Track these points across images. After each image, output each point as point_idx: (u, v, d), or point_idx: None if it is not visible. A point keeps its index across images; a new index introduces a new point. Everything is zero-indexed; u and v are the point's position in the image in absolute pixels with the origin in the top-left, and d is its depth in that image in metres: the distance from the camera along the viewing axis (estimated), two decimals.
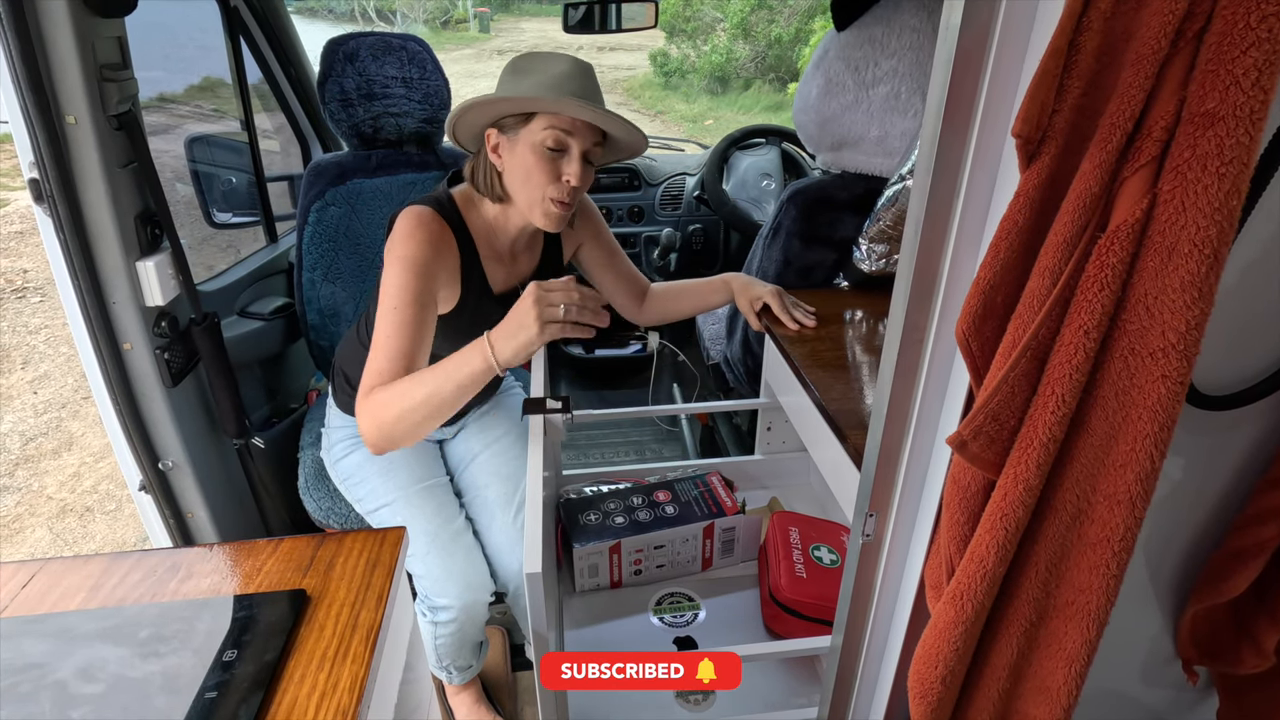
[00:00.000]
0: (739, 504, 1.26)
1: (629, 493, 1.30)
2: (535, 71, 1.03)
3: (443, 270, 1.07)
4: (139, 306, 1.16)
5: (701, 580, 1.28)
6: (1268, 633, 0.67)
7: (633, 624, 1.19)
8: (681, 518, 1.23)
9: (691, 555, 1.26)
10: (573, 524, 1.23)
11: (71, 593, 0.71)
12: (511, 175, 1.07)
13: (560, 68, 1.03)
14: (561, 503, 1.29)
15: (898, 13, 1.25)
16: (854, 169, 1.40)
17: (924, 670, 0.62)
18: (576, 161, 1.05)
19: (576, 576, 1.23)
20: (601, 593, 1.25)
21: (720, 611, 1.21)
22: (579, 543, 1.19)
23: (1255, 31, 0.38)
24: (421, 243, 1.02)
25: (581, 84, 1.03)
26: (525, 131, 1.04)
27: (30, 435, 2.88)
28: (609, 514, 1.25)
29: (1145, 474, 0.48)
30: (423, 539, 1.22)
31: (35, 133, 1.00)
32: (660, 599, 1.24)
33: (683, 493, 1.29)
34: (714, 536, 1.25)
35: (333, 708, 0.59)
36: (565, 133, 1.03)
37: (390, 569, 0.74)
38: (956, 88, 0.52)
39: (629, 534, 1.21)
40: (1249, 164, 0.40)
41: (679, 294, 1.43)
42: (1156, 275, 0.44)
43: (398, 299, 1.00)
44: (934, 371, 0.64)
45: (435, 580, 1.21)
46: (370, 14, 15.96)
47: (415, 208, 1.06)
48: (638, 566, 1.24)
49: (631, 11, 1.90)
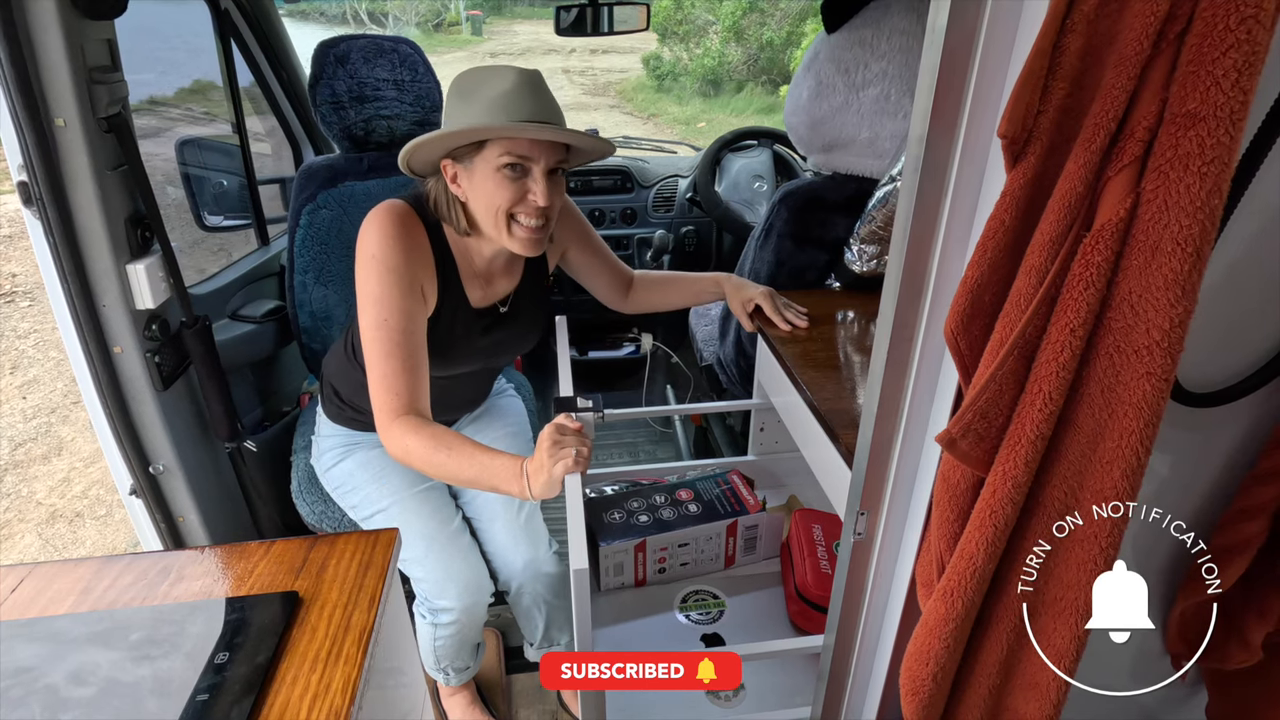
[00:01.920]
0: (761, 502, 1.27)
1: (651, 491, 1.30)
2: (479, 93, 0.97)
3: (419, 265, 1.05)
4: (129, 309, 1.15)
5: (725, 578, 1.29)
6: (1255, 628, 0.67)
7: (660, 621, 1.20)
8: (705, 516, 1.24)
9: (715, 553, 1.27)
10: (597, 522, 1.24)
11: (62, 596, 0.71)
12: (476, 204, 1.03)
13: (505, 85, 0.96)
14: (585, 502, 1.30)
15: (887, 15, 1.25)
16: (845, 170, 1.41)
17: (915, 667, 0.63)
18: (541, 181, 1.00)
19: (602, 575, 1.23)
20: (626, 591, 1.26)
21: (745, 608, 1.22)
22: (605, 541, 1.20)
23: (1235, 33, 0.39)
24: (393, 235, 1.00)
25: (532, 100, 0.97)
26: (480, 160, 0.99)
27: (19, 440, 2.86)
28: (633, 513, 1.26)
29: (1131, 470, 0.48)
30: (420, 542, 1.22)
31: (24, 135, 1.00)
32: (685, 596, 1.24)
33: (705, 491, 1.30)
34: (737, 534, 1.26)
35: (325, 709, 0.59)
36: (522, 156, 0.98)
37: (383, 571, 0.74)
38: (943, 89, 0.53)
39: (654, 532, 1.21)
40: (1230, 163, 0.41)
41: (667, 285, 1.43)
42: (1141, 273, 0.45)
43: (383, 308, 0.99)
44: (923, 370, 0.64)
45: (435, 583, 1.21)
46: (362, 16, 15.93)
47: (392, 201, 1.04)
48: (662, 565, 1.25)
49: (623, 14, 1.91)
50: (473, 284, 1.15)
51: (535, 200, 1.01)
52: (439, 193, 1.07)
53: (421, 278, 1.06)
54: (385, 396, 1.00)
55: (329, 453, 1.35)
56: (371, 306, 1.00)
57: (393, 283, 1.00)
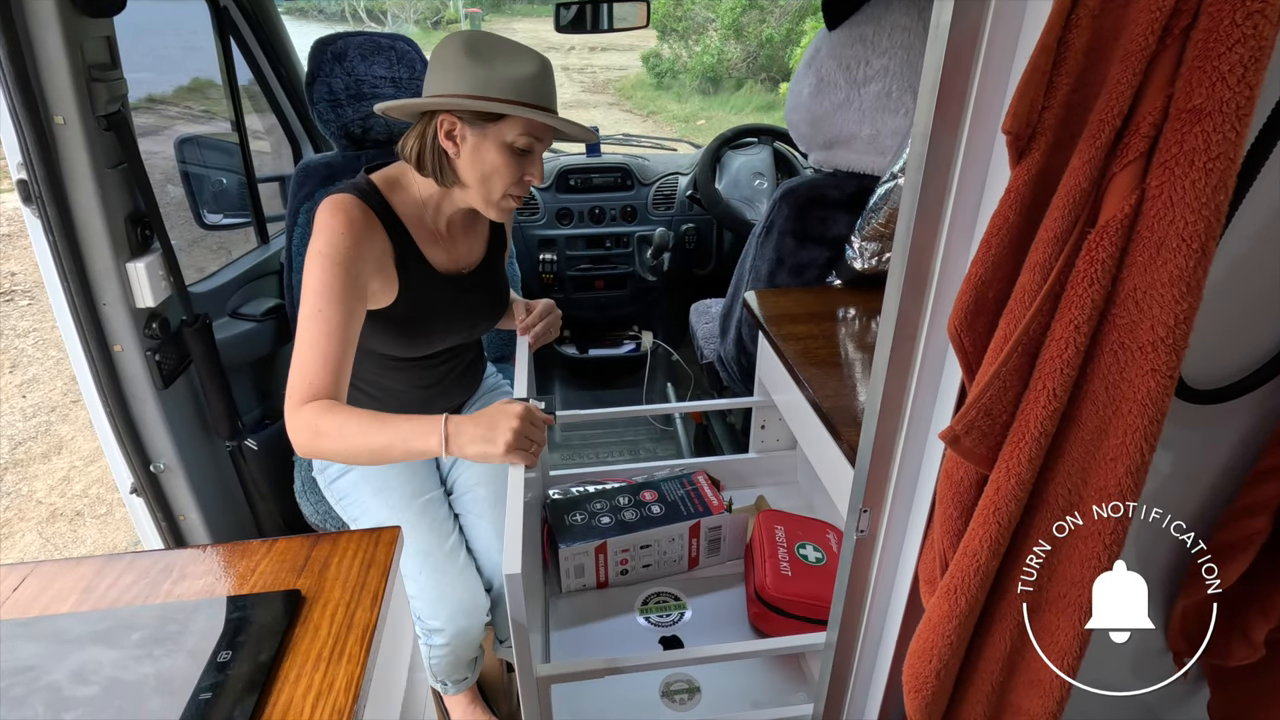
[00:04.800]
0: (725, 503, 1.26)
1: (615, 493, 1.30)
2: (501, 65, 1.00)
3: (369, 259, 1.03)
4: (129, 308, 1.15)
5: (688, 579, 1.28)
6: (1257, 624, 0.67)
7: (619, 624, 1.19)
8: (667, 517, 1.23)
9: (678, 555, 1.26)
10: (559, 524, 1.23)
11: (64, 595, 0.71)
12: (470, 167, 1.05)
13: (531, 68, 1.01)
14: (548, 503, 1.29)
15: (888, 12, 1.25)
16: (846, 167, 1.40)
17: (918, 664, 0.63)
18: (539, 163, 1.07)
19: (563, 577, 1.23)
20: (588, 593, 1.25)
21: (707, 610, 1.22)
22: (564, 543, 1.19)
23: (1241, 28, 0.39)
24: (341, 232, 0.99)
25: (549, 86, 1.04)
26: (494, 130, 1.02)
27: (19, 439, 2.85)
28: (595, 514, 1.25)
29: (1135, 467, 0.48)
30: (415, 559, 1.21)
31: (23, 133, 0.99)
32: (647, 599, 1.24)
33: (669, 492, 1.29)
34: (700, 535, 1.25)
35: (328, 708, 0.59)
36: (535, 138, 1.04)
37: (385, 569, 0.74)
38: (947, 85, 0.53)
39: (615, 534, 1.21)
40: (1235, 159, 0.41)
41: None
42: (1145, 270, 0.44)
43: (321, 300, 0.98)
44: (927, 367, 0.64)
45: (428, 602, 1.20)
46: (360, 14, 15.90)
47: (333, 195, 1.03)
48: (624, 566, 1.24)
49: (623, 11, 1.91)
50: (434, 249, 1.15)
51: (533, 180, 1.08)
52: (424, 142, 1.05)
53: (370, 271, 1.04)
54: (299, 384, 0.98)
55: (333, 465, 1.33)
56: (310, 296, 0.98)
57: (335, 275, 0.98)
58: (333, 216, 1.00)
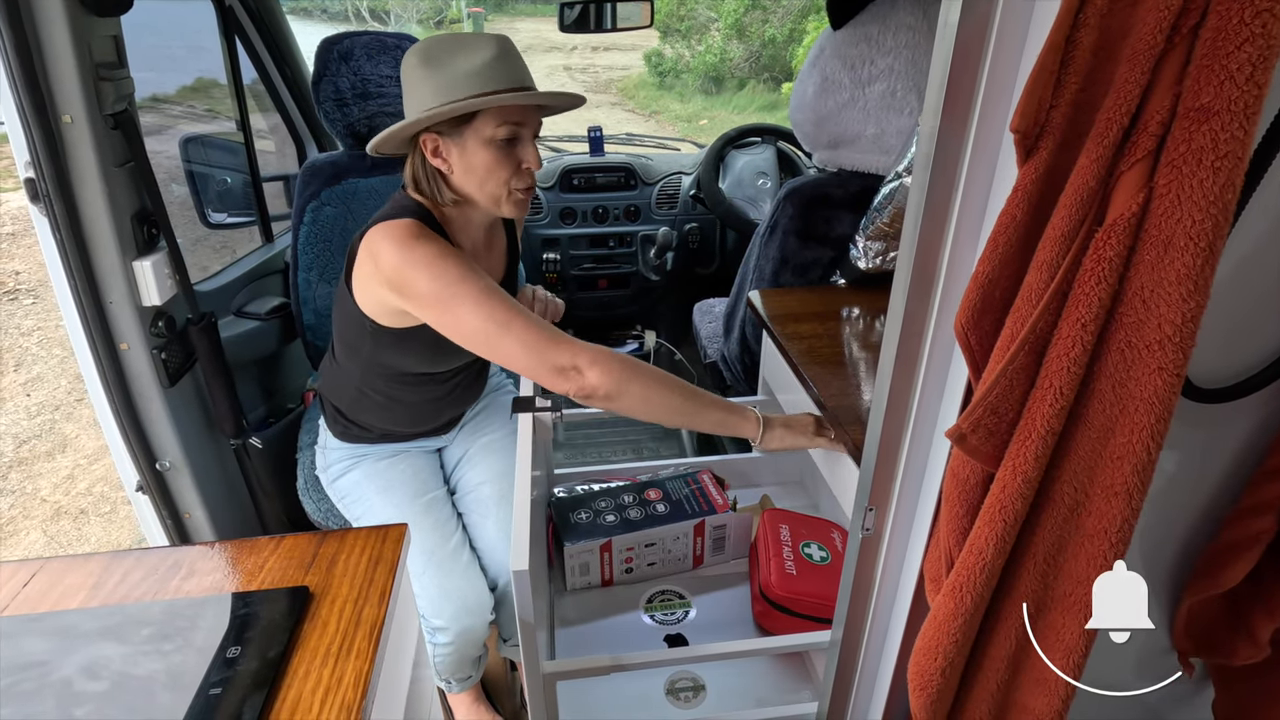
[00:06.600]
0: (730, 502, 1.27)
1: (620, 491, 1.30)
2: (454, 64, 0.96)
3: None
4: (135, 306, 1.16)
5: (693, 578, 1.28)
6: (1263, 624, 0.67)
7: (624, 622, 1.19)
8: (672, 515, 1.23)
9: (682, 553, 1.26)
10: (563, 522, 1.23)
11: (72, 591, 0.71)
12: (466, 175, 1.02)
13: (486, 54, 0.96)
14: (552, 501, 1.30)
15: (893, 11, 1.25)
16: (850, 167, 1.40)
17: (924, 662, 0.63)
18: (532, 146, 1.03)
19: (567, 575, 1.23)
20: (593, 591, 1.25)
21: (711, 609, 1.22)
22: (570, 541, 1.20)
23: (1249, 27, 0.39)
24: (428, 239, 0.98)
25: (513, 66, 0.98)
26: (471, 130, 0.99)
27: (24, 438, 2.86)
28: (600, 512, 1.25)
29: (1142, 466, 0.48)
30: (420, 558, 1.21)
31: (31, 132, 1.00)
32: (651, 597, 1.24)
33: (673, 491, 1.29)
34: (705, 534, 1.25)
35: (337, 703, 0.60)
36: (516, 124, 0.99)
37: (392, 565, 0.74)
38: (955, 84, 0.53)
39: (620, 532, 1.21)
40: (1243, 158, 0.41)
41: None
42: (1153, 268, 0.45)
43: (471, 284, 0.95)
44: (933, 365, 0.64)
45: (431, 600, 1.20)
46: (364, 14, 15.91)
47: (397, 221, 0.98)
48: (629, 565, 1.24)
49: (627, 11, 1.91)
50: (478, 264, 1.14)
51: (530, 166, 1.03)
52: (416, 169, 1.05)
53: None
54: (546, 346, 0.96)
55: (336, 465, 1.34)
56: (463, 285, 0.95)
57: (456, 261, 0.97)
58: (414, 237, 0.97)
